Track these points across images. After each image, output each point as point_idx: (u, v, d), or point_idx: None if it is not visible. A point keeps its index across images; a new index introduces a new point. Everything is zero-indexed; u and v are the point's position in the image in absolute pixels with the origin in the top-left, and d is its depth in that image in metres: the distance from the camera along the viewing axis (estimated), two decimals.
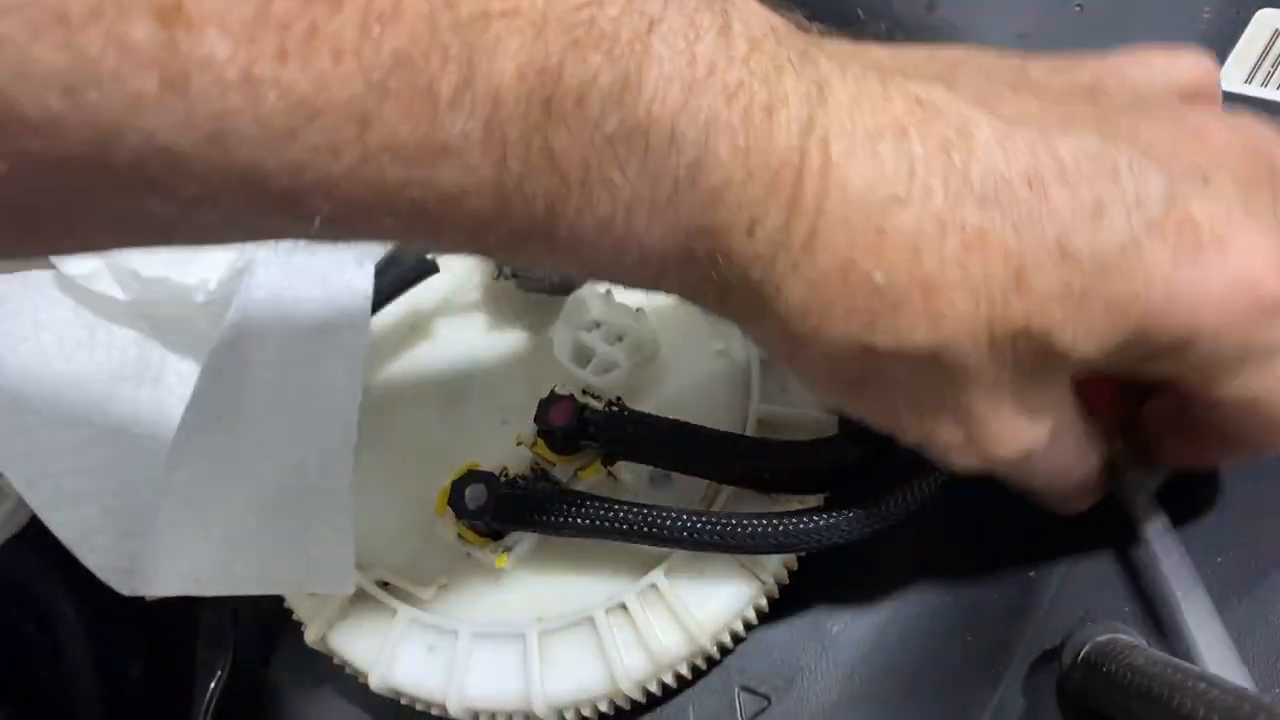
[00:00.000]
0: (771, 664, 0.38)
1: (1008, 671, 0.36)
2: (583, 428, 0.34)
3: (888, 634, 0.38)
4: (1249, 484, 0.37)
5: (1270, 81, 0.40)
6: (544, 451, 0.36)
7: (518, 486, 0.35)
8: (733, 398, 0.38)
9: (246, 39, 0.18)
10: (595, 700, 0.35)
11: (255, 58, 0.18)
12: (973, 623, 0.38)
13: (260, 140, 0.18)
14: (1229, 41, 0.42)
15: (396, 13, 0.19)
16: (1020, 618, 0.37)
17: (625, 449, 0.34)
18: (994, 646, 0.37)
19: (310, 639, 0.37)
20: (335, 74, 0.18)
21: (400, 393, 0.41)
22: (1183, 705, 0.28)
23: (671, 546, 0.34)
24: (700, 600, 0.35)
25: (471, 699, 0.35)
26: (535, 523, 0.34)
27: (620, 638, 0.35)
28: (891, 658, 0.38)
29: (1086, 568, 0.37)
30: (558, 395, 0.35)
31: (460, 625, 0.36)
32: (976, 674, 0.37)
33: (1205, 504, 0.37)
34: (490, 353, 0.41)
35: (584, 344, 0.39)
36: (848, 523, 0.33)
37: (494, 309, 0.42)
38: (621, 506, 0.34)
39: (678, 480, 0.37)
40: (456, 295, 0.43)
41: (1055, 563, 0.37)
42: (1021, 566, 0.38)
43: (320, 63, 0.18)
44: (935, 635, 0.38)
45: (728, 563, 0.35)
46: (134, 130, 0.18)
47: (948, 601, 0.38)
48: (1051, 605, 0.37)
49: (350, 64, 0.18)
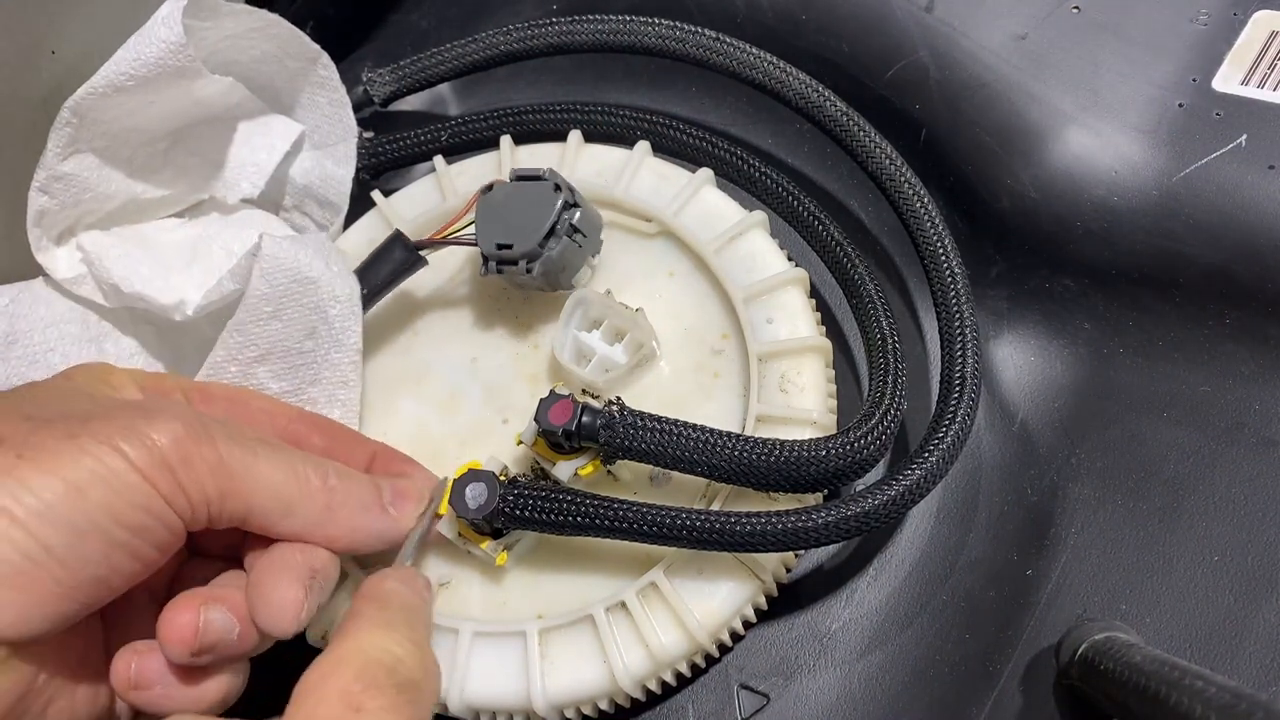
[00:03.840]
0: (770, 662, 0.38)
1: (1005, 669, 0.36)
2: (582, 427, 0.34)
3: (886, 632, 0.38)
4: (1249, 484, 0.37)
5: (1267, 82, 0.41)
6: (544, 451, 0.36)
7: (518, 486, 0.35)
8: (733, 398, 0.39)
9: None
10: (595, 698, 0.35)
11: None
12: (971, 621, 0.38)
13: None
14: (1227, 43, 0.42)
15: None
16: (1018, 616, 0.37)
17: (625, 449, 0.34)
18: (992, 644, 0.37)
19: (311, 638, 0.37)
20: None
21: (400, 392, 0.42)
22: (1180, 703, 0.28)
23: (671, 545, 0.34)
24: (700, 599, 0.35)
25: (472, 697, 0.35)
26: (535, 522, 0.35)
27: (620, 636, 0.35)
28: (889, 656, 0.38)
29: (1084, 567, 0.37)
30: (558, 395, 0.35)
31: (461, 623, 0.36)
32: (974, 671, 0.37)
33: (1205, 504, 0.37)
34: (490, 352, 0.42)
35: (584, 344, 0.39)
36: (846, 522, 0.33)
37: (490, 306, 0.42)
38: (621, 505, 0.34)
39: (677, 479, 0.38)
40: (451, 292, 0.43)
41: (1053, 562, 0.38)
42: (1019, 565, 0.38)
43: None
44: (933, 633, 0.38)
45: (727, 561, 0.35)
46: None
47: (946, 600, 0.38)
48: (1049, 604, 0.37)
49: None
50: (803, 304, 0.39)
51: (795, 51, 0.44)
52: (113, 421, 0.28)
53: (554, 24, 0.44)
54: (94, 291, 0.40)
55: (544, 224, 0.38)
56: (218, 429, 0.30)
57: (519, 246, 0.38)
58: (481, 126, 0.46)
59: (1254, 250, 0.38)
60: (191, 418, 0.30)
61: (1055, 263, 0.42)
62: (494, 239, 0.38)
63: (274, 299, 0.37)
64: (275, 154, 0.42)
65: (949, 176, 0.44)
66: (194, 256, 0.41)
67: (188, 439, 0.29)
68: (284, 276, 0.37)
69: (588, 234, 0.40)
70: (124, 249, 0.40)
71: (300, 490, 0.31)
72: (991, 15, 0.44)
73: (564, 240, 0.38)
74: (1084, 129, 0.41)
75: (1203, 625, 0.35)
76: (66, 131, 0.37)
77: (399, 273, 0.40)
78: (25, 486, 0.26)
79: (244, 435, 0.31)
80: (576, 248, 0.39)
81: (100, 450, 0.27)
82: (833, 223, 0.41)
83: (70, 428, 0.28)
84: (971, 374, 0.36)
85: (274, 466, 0.31)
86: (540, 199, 0.38)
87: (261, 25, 0.41)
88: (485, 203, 0.39)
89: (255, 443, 0.31)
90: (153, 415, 0.29)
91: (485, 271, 0.39)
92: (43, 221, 0.39)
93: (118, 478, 0.27)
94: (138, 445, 0.28)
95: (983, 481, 0.40)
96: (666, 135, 0.44)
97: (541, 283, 0.39)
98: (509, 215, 0.39)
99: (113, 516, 0.27)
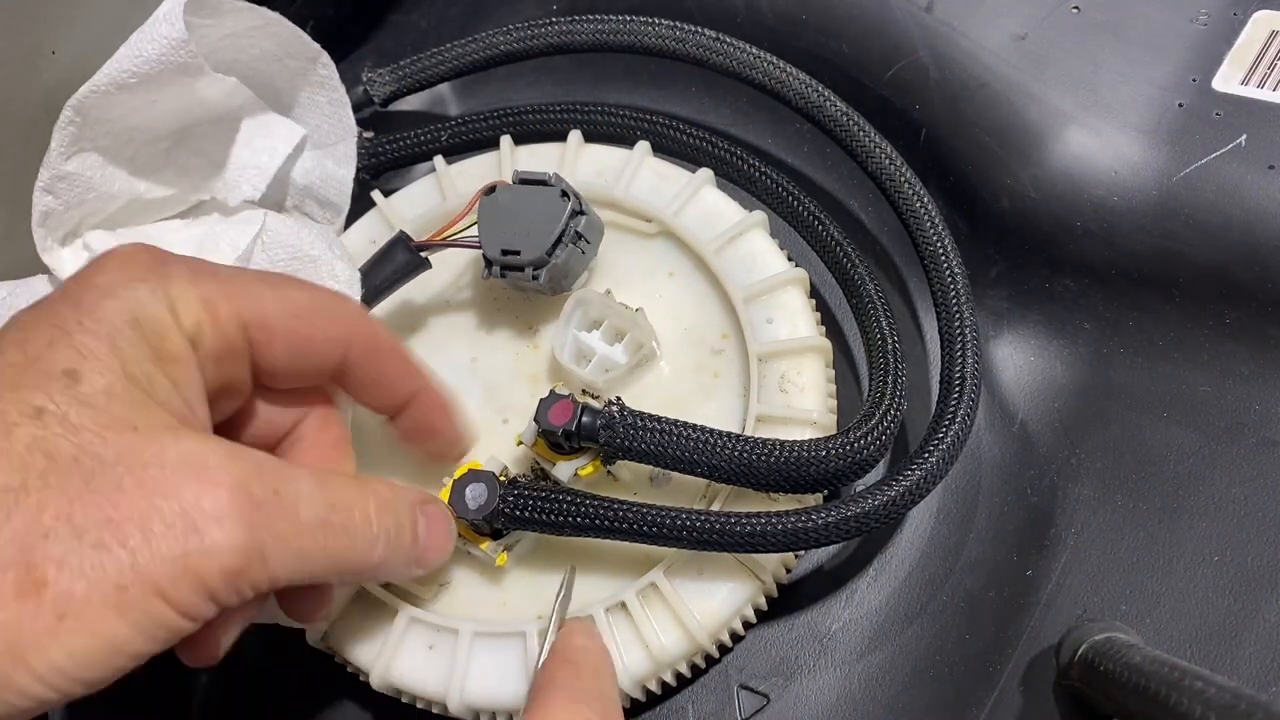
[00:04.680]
0: (770, 662, 0.38)
1: (1005, 669, 0.36)
2: (582, 428, 0.34)
3: (886, 632, 0.38)
4: (1249, 484, 0.37)
5: (1267, 82, 0.41)
6: (544, 451, 0.36)
7: (518, 486, 0.35)
8: (733, 398, 0.39)
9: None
10: None
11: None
12: (971, 621, 0.38)
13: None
14: (1226, 43, 0.42)
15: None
16: (1018, 616, 0.37)
17: (625, 449, 0.34)
18: (992, 644, 0.37)
19: (311, 638, 0.37)
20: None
21: None
22: (1180, 703, 0.28)
23: (671, 545, 0.34)
24: (700, 599, 0.35)
25: (472, 697, 0.35)
26: (535, 522, 0.35)
27: (620, 636, 0.35)
28: (889, 656, 0.38)
29: (1083, 567, 0.37)
30: (558, 395, 0.35)
31: (460, 624, 0.36)
32: (974, 672, 0.37)
33: (1205, 504, 0.37)
34: (490, 352, 0.42)
35: (584, 344, 0.39)
36: (846, 523, 0.33)
37: (490, 306, 0.42)
38: (621, 506, 0.34)
39: (677, 479, 0.38)
40: (450, 292, 0.43)
41: (1053, 562, 0.38)
42: (1019, 565, 0.38)
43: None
44: (933, 633, 0.38)
45: (727, 562, 0.35)
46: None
47: (946, 600, 0.38)
48: (1049, 604, 0.37)
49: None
50: (803, 304, 0.39)
51: (795, 51, 0.44)
52: (151, 534, 0.25)
53: (554, 24, 0.44)
54: None
55: (552, 232, 0.38)
56: (276, 519, 0.27)
57: (526, 253, 0.38)
58: (481, 126, 0.46)
59: (1254, 250, 0.38)
60: (248, 522, 0.26)
61: (1055, 263, 0.42)
62: (499, 244, 0.38)
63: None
64: (277, 157, 0.42)
65: (949, 176, 0.44)
66: (200, 255, 0.41)
67: (243, 566, 0.26)
68: (285, 253, 0.37)
69: (592, 240, 0.40)
70: None
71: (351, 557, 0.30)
72: (991, 15, 0.44)
73: (570, 247, 0.38)
74: (1084, 129, 0.41)
75: (1203, 625, 0.35)
76: (70, 130, 0.37)
77: (401, 275, 0.40)
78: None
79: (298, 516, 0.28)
80: (580, 254, 0.39)
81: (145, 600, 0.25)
82: (833, 223, 0.41)
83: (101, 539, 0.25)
84: (971, 374, 0.36)
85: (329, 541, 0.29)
86: (547, 205, 0.38)
87: (262, 24, 0.41)
88: (488, 205, 0.39)
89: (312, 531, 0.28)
90: (204, 524, 0.25)
91: (488, 275, 0.39)
92: (48, 222, 0.39)
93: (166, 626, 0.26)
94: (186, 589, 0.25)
95: (983, 481, 0.40)
96: (666, 135, 0.44)
97: (545, 288, 0.39)
98: (514, 220, 0.38)
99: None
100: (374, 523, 0.30)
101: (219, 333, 0.29)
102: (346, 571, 0.30)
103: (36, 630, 0.24)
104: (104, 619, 0.24)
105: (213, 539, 0.25)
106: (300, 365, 0.32)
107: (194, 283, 0.29)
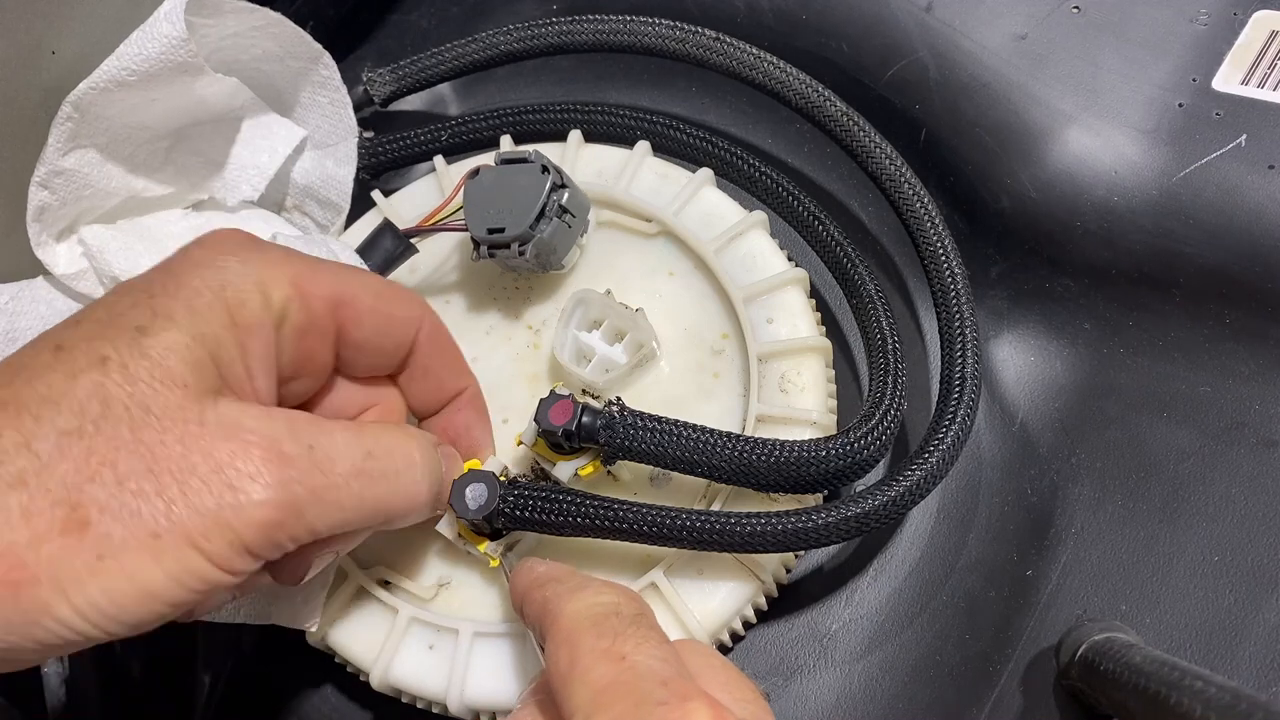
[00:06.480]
0: (770, 662, 0.38)
1: (1005, 669, 0.36)
2: (582, 428, 0.34)
3: (886, 632, 0.38)
4: (1249, 484, 0.37)
5: (1267, 82, 0.41)
6: (544, 451, 0.36)
7: (518, 486, 0.35)
8: (733, 398, 0.39)
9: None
10: None
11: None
12: (971, 621, 0.38)
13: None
14: (1226, 43, 0.42)
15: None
16: (1018, 616, 0.37)
17: (625, 449, 0.34)
18: (992, 644, 0.37)
19: (311, 638, 0.37)
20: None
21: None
22: (1180, 703, 0.28)
23: (671, 545, 0.34)
24: (700, 599, 0.35)
25: (472, 697, 0.35)
26: (535, 522, 0.35)
27: None
28: (889, 656, 0.38)
29: (1083, 567, 0.37)
30: (558, 395, 0.35)
31: (460, 624, 0.36)
32: (974, 672, 0.37)
33: (1205, 504, 0.37)
34: (490, 352, 0.42)
35: (584, 344, 0.39)
36: (846, 523, 0.33)
37: (490, 306, 0.42)
38: (621, 506, 0.34)
39: (677, 479, 0.38)
40: (450, 292, 0.43)
41: (1053, 562, 0.38)
42: (1019, 565, 0.38)
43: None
44: (933, 633, 0.38)
45: (727, 562, 0.35)
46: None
47: (946, 600, 0.38)
48: (1049, 604, 0.37)
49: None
50: (803, 304, 0.39)
51: (795, 52, 0.44)
52: (188, 487, 0.26)
53: (554, 24, 0.44)
54: (94, 286, 0.40)
55: (534, 205, 0.38)
56: (312, 481, 0.28)
57: (510, 229, 0.38)
58: (481, 126, 0.46)
59: (1254, 250, 0.38)
60: (280, 479, 0.27)
61: (1055, 263, 0.42)
62: (484, 223, 0.39)
63: None
64: (277, 157, 0.42)
65: (949, 176, 0.44)
66: None
67: (278, 520, 0.27)
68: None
69: (576, 214, 0.40)
70: (126, 241, 0.40)
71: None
72: (991, 15, 0.44)
73: (554, 221, 0.39)
74: (1084, 129, 0.41)
75: (1203, 625, 0.35)
76: (68, 126, 0.37)
77: (390, 261, 0.41)
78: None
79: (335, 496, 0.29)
80: (566, 228, 0.40)
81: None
82: (833, 223, 0.41)
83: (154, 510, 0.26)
84: (971, 374, 0.36)
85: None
86: (528, 181, 0.39)
87: (263, 24, 0.41)
88: (473, 187, 0.39)
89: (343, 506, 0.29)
90: (238, 481, 0.27)
91: (477, 256, 0.39)
92: (43, 217, 0.39)
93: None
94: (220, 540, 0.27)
95: (983, 481, 0.40)
96: (666, 135, 0.44)
97: (534, 264, 0.39)
98: (498, 199, 0.39)
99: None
100: (419, 465, 0.32)
101: (306, 309, 0.30)
102: (394, 515, 0.31)
103: (76, 567, 0.25)
104: (139, 563, 0.26)
105: (246, 495, 0.27)
106: (381, 343, 0.33)
107: (286, 263, 0.30)
